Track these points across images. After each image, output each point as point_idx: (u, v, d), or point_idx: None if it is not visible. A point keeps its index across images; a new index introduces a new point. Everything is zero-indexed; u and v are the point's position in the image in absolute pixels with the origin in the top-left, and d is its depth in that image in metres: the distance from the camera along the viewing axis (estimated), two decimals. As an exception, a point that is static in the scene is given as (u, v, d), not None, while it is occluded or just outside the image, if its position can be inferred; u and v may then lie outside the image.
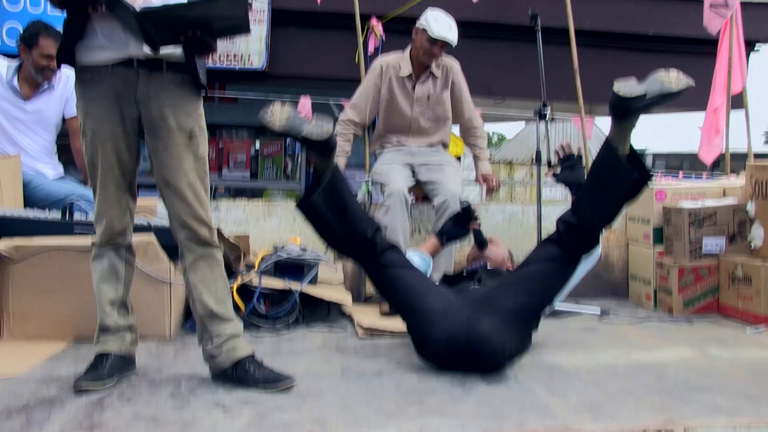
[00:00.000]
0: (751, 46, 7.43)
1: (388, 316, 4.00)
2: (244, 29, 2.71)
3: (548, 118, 4.83)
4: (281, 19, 6.80)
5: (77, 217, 3.77)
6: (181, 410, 2.52)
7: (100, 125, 2.76)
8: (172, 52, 2.72)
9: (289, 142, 7.71)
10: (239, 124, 8.09)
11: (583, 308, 4.48)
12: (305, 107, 6.01)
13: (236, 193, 7.97)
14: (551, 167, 4.56)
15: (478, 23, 6.84)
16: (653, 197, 4.70)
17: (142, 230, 3.56)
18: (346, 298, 4.19)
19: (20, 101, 4.46)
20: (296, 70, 6.98)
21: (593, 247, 3.29)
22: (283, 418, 2.45)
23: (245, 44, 6.62)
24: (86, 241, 3.03)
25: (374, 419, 2.45)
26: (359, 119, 4.80)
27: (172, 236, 2.90)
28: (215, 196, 7.56)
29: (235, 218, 4.79)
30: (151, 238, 3.61)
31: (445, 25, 4.54)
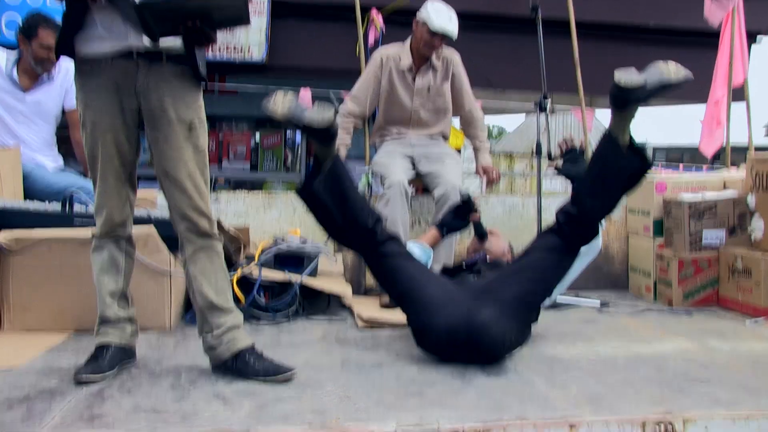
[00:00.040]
0: (752, 37, 7.42)
1: (388, 308, 4.00)
2: (243, 20, 2.71)
3: (549, 110, 4.82)
4: (281, 10, 6.78)
5: (77, 208, 3.77)
6: (181, 401, 2.52)
7: (99, 117, 2.76)
8: (172, 43, 2.71)
9: (289, 134, 7.72)
10: (239, 115, 8.08)
11: (583, 300, 4.48)
12: (305, 99, 5.99)
13: (236, 185, 7.97)
14: (552, 160, 4.56)
15: (478, 15, 6.81)
16: (653, 189, 4.70)
17: (142, 222, 3.56)
18: (346, 289, 4.19)
19: (20, 93, 4.45)
20: (296, 61, 6.96)
21: (593, 237, 3.30)
22: (283, 409, 2.45)
23: (245, 36, 6.60)
24: (86, 232, 3.02)
25: (374, 411, 2.45)
26: (359, 111, 4.80)
27: (172, 228, 2.90)
28: (215, 187, 7.56)
29: (235, 210, 4.78)
30: (151, 229, 3.61)
31: (445, 16, 4.53)
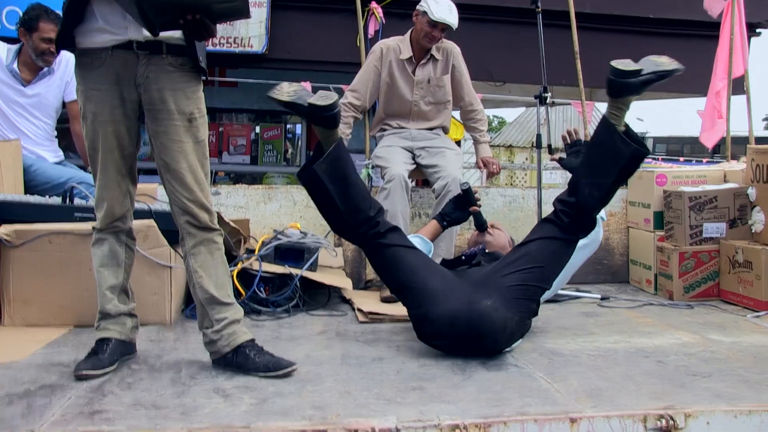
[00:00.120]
0: (752, 29, 7.40)
1: (388, 302, 4.00)
2: (243, 13, 2.69)
3: (548, 102, 4.81)
4: (281, 2, 6.76)
5: (77, 202, 3.76)
6: (181, 396, 2.52)
7: (100, 108, 2.75)
8: (171, 34, 2.70)
9: (289, 126, 7.70)
10: (239, 108, 8.07)
11: (583, 293, 4.48)
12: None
13: (236, 178, 7.96)
14: (552, 152, 4.56)
15: (478, 6, 6.81)
16: (654, 181, 4.70)
17: (142, 215, 3.56)
18: (346, 283, 4.19)
19: (20, 85, 4.44)
20: (296, 53, 6.95)
21: (591, 226, 3.32)
22: (283, 404, 2.45)
23: (245, 28, 6.58)
24: (87, 226, 3.02)
25: (374, 405, 2.44)
26: (359, 103, 4.79)
27: (172, 221, 2.89)
28: (215, 180, 7.55)
29: (235, 203, 4.78)
30: (151, 222, 3.60)
31: (445, 7, 4.52)
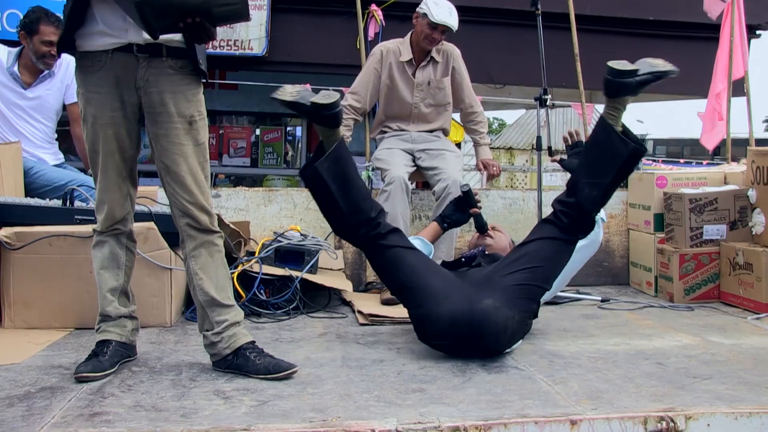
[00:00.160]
0: (752, 31, 7.40)
1: (388, 304, 4.00)
2: (243, 16, 2.70)
3: (548, 104, 4.81)
4: (281, 4, 6.77)
5: (78, 205, 3.76)
6: (181, 399, 2.52)
7: (100, 111, 2.76)
8: (171, 37, 2.71)
9: (289, 129, 7.71)
10: (239, 110, 8.08)
11: (583, 296, 4.48)
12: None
13: (237, 180, 7.97)
14: (552, 154, 4.56)
15: (478, 8, 6.82)
16: (654, 183, 4.70)
17: (143, 217, 3.56)
18: (346, 285, 4.19)
19: (21, 88, 4.45)
20: (296, 56, 6.96)
21: (590, 226, 3.34)
22: (283, 406, 2.45)
23: (245, 30, 6.59)
24: (87, 228, 3.02)
25: (374, 407, 2.44)
26: (359, 105, 4.79)
27: (172, 223, 2.90)
28: (215, 183, 7.55)
29: (235, 205, 4.78)
30: (151, 225, 3.60)
31: (445, 9, 4.53)
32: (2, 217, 3.61)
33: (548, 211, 3.42)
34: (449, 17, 4.52)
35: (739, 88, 6.15)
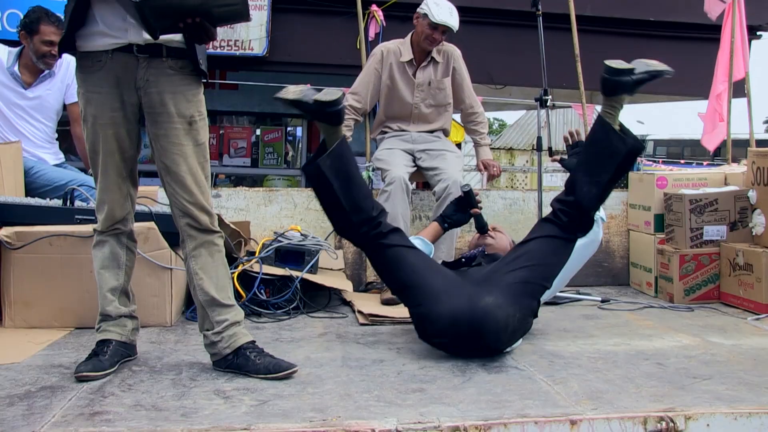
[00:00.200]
0: (753, 32, 7.40)
1: (389, 304, 4.00)
2: (243, 16, 2.71)
3: (549, 105, 4.81)
4: (282, 5, 6.77)
5: (78, 204, 3.76)
6: (182, 398, 2.52)
7: (100, 111, 2.76)
8: (171, 37, 2.71)
9: (290, 129, 7.71)
10: (240, 110, 8.08)
11: (583, 296, 4.48)
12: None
13: (237, 180, 7.97)
14: (552, 155, 4.56)
15: (479, 9, 6.82)
16: (654, 184, 4.70)
17: (143, 217, 3.56)
18: (346, 285, 4.19)
19: (21, 88, 4.45)
20: (297, 56, 6.96)
21: (589, 224, 3.35)
22: (283, 405, 2.45)
23: (245, 30, 6.60)
24: (87, 228, 3.03)
25: (374, 407, 2.45)
26: (360, 105, 4.79)
27: (173, 223, 2.90)
28: (216, 183, 7.55)
29: (235, 205, 4.78)
30: (152, 225, 3.60)
31: (446, 10, 4.53)
32: (2, 216, 3.61)
33: (548, 211, 3.42)
34: (450, 17, 4.52)
35: (739, 89, 6.16)
